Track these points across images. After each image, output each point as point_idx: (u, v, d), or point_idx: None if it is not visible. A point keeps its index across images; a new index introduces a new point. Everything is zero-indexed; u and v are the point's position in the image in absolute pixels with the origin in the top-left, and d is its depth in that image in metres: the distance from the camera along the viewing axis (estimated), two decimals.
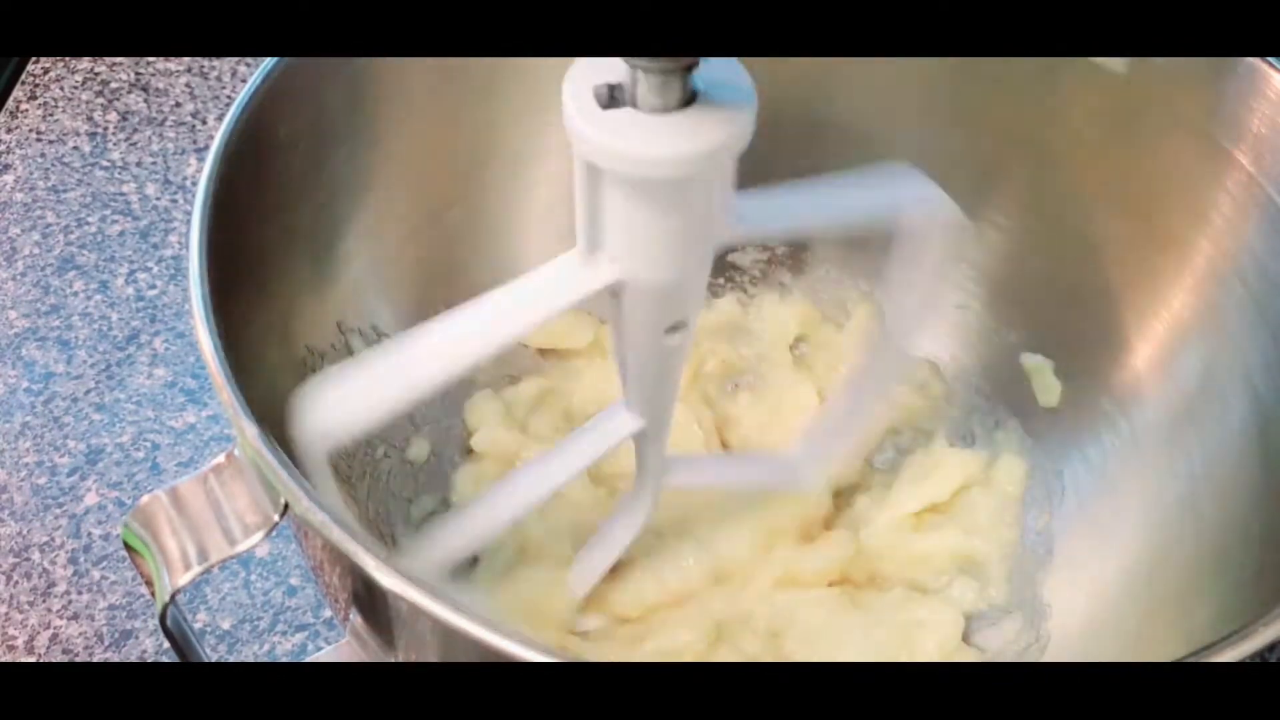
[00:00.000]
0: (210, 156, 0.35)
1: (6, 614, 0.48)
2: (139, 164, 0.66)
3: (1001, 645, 0.44)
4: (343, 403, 0.30)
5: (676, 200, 0.29)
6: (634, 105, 0.27)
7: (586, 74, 0.28)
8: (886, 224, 0.35)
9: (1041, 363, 0.47)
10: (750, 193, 0.31)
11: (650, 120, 0.27)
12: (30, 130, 0.68)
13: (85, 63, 0.72)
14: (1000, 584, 0.45)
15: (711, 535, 0.45)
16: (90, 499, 0.52)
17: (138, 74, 0.71)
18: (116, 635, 0.47)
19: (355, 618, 0.33)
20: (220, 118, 0.38)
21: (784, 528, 0.46)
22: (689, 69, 0.27)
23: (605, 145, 0.27)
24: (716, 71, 0.28)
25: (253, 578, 0.49)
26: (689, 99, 0.27)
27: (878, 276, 0.41)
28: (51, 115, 0.68)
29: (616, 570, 0.44)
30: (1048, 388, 0.47)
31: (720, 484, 0.47)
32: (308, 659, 0.40)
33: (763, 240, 0.33)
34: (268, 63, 0.38)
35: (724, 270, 0.53)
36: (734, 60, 0.28)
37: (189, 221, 0.34)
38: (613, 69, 0.27)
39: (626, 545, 0.43)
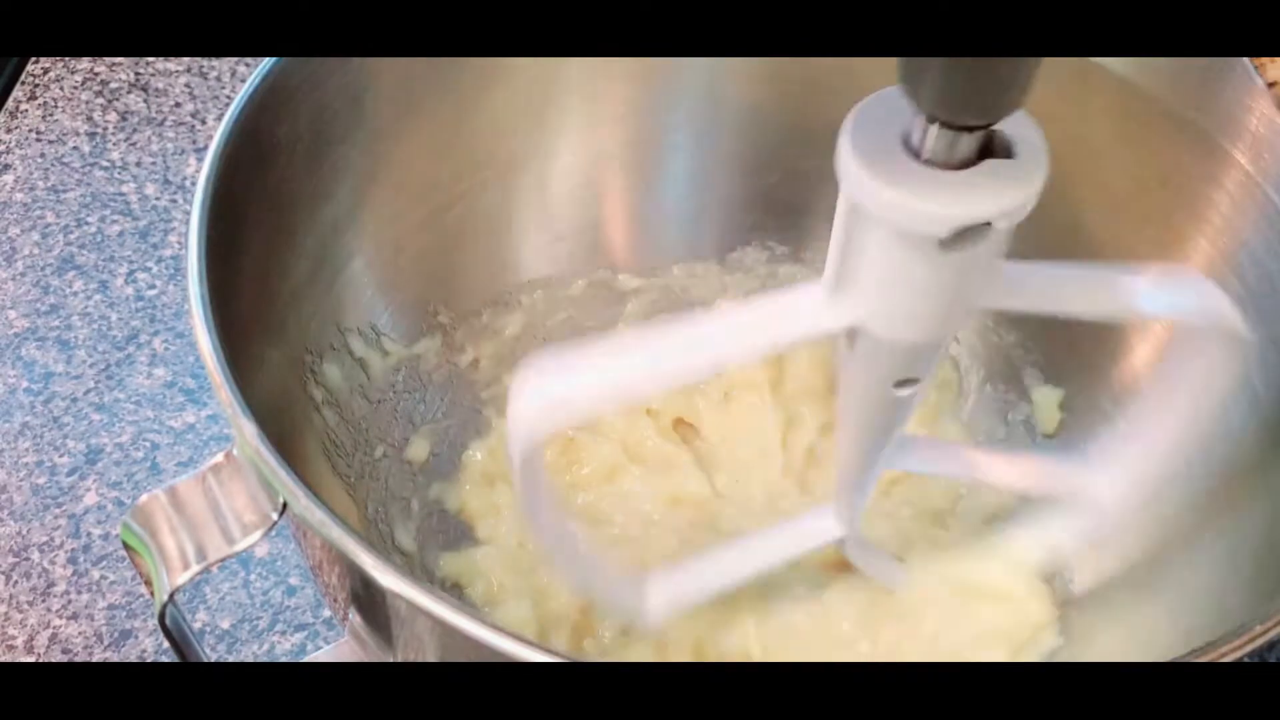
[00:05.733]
0: (210, 156, 0.35)
1: (6, 614, 0.48)
2: (139, 164, 0.66)
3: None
4: (551, 396, 0.29)
5: (940, 259, 0.26)
6: (919, 156, 0.25)
7: (874, 115, 0.26)
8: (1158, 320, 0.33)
9: (1050, 392, 0.47)
10: (1019, 263, 0.29)
11: (932, 175, 0.25)
12: (30, 130, 0.68)
13: (85, 63, 0.72)
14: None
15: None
16: (90, 499, 0.52)
17: (138, 74, 0.71)
18: (116, 635, 0.47)
19: (354, 617, 0.33)
20: (220, 118, 0.38)
21: None
22: (987, 127, 0.24)
23: (875, 191, 0.25)
24: (1015, 130, 0.25)
25: (252, 577, 0.49)
26: (978, 157, 0.25)
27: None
28: (51, 115, 0.68)
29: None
30: (1048, 412, 0.47)
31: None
32: (307, 659, 0.40)
33: (1021, 311, 0.30)
34: (267, 63, 0.38)
35: (725, 270, 0.53)
36: (1030, 121, 0.26)
37: (188, 221, 0.34)
38: (902, 115, 0.25)
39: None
